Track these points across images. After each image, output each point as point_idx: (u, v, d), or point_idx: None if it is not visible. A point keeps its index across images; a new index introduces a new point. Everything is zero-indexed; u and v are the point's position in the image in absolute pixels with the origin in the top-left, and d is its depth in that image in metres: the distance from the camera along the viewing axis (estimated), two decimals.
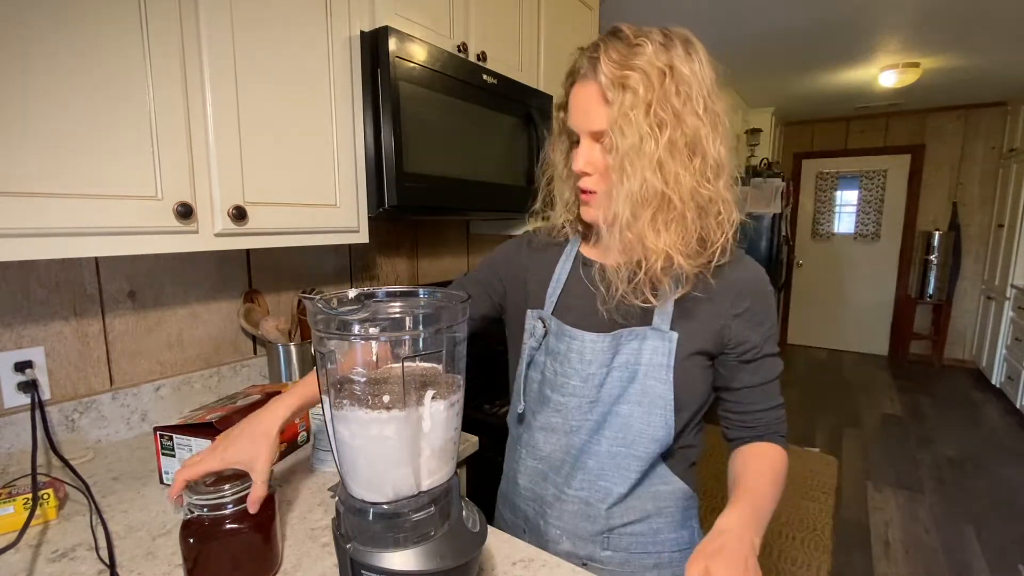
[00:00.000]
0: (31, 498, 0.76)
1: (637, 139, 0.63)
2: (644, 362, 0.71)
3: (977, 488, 2.70)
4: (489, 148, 1.41)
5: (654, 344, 0.70)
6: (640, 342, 0.71)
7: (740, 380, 0.74)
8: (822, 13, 2.56)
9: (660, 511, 0.76)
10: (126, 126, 0.79)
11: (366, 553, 0.51)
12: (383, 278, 1.69)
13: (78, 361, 1.03)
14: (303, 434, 1.07)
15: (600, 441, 0.74)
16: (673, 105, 0.63)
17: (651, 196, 0.64)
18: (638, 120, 0.63)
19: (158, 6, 0.81)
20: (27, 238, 0.70)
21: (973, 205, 4.72)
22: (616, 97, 0.63)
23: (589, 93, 0.67)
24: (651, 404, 0.71)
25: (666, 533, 0.77)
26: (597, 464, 0.75)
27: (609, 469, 0.74)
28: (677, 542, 0.78)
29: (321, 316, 0.51)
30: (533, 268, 0.85)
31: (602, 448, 0.74)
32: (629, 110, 0.63)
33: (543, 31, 1.71)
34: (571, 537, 0.77)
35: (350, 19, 1.11)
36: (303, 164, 1.05)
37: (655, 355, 0.70)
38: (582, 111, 0.69)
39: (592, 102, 0.67)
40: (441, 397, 0.54)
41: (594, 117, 0.67)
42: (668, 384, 0.70)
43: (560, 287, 0.80)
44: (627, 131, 0.63)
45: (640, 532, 0.76)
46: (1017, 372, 3.61)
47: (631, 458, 0.73)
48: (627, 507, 0.75)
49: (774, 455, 0.73)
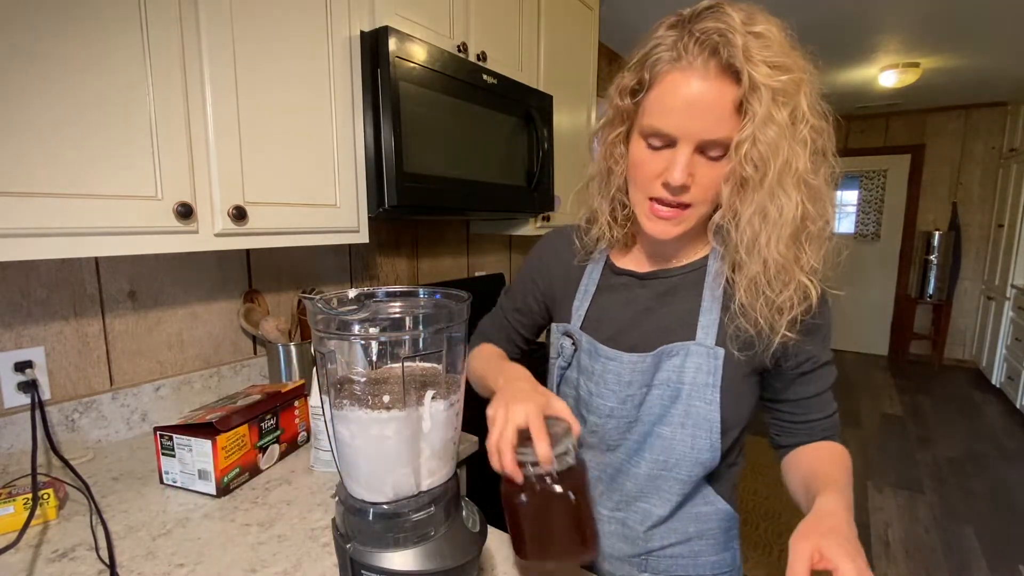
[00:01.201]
0: (31, 498, 0.76)
1: (788, 156, 0.55)
2: (688, 381, 0.64)
3: (977, 488, 2.70)
4: (489, 148, 1.41)
5: (697, 362, 0.64)
6: (683, 359, 0.64)
7: (796, 392, 0.68)
8: (822, 13, 2.56)
9: (702, 533, 0.71)
10: (126, 126, 0.79)
11: (366, 553, 0.51)
12: (383, 278, 1.69)
13: (78, 361, 1.03)
14: (303, 434, 1.07)
15: (639, 463, 0.69)
16: (815, 112, 0.56)
17: (800, 218, 0.57)
18: (791, 134, 0.55)
19: (158, 6, 0.81)
20: (27, 238, 0.70)
21: (973, 205, 4.72)
22: (764, 107, 0.53)
23: (713, 93, 0.55)
24: (695, 427, 0.64)
25: (707, 555, 0.72)
26: (635, 486, 0.70)
27: (649, 491, 0.69)
28: (719, 564, 0.73)
29: (321, 316, 0.51)
30: (559, 274, 0.79)
31: (641, 471, 0.68)
32: (784, 123, 0.54)
33: (543, 31, 1.70)
34: (607, 558, 0.74)
35: (350, 19, 1.11)
36: (303, 164, 1.05)
37: (699, 374, 0.64)
38: (695, 114, 0.56)
39: (717, 106, 0.55)
40: (441, 397, 0.54)
41: (719, 125, 0.56)
42: (715, 405, 0.63)
43: (588, 299, 0.74)
44: (779, 147, 0.54)
45: (680, 554, 0.71)
46: (1017, 372, 3.61)
47: (673, 481, 0.67)
48: (668, 529, 0.71)
49: (843, 452, 0.68)
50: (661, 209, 0.62)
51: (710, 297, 0.66)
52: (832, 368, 0.69)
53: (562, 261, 0.79)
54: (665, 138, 0.58)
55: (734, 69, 0.54)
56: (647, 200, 0.63)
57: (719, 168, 0.58)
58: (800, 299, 0.59)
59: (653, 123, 0.58)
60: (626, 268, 0.73)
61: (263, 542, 0.74)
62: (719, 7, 0.56)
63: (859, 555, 0.47)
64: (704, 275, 0.67)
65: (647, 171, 0.61)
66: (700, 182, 0.59)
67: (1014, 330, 3.79)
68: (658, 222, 0.63)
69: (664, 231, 0.63)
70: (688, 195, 0.60)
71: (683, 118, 0.56)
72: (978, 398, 4.02)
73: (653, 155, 0.60)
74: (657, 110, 0.58)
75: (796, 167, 0.56)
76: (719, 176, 0.59)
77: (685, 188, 0.59)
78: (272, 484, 0.92)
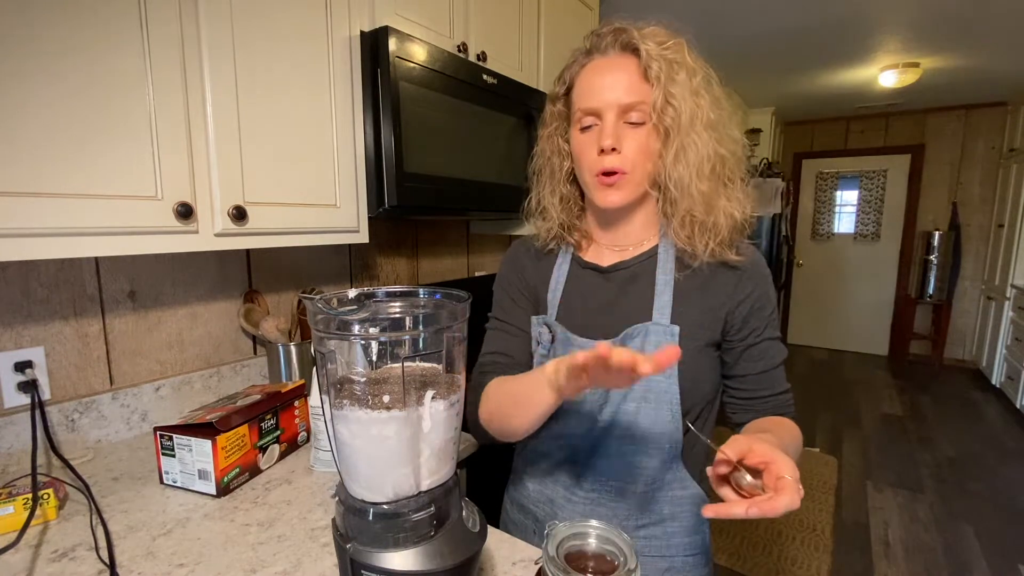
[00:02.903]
0: (31, 498, 0.76)
1: (692, 106, 0.66)
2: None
3: (977, 488, 2.70)
4: (489, 148, 1.41)
5: (656, 340, 0.70)
6: (643, 338, 0.70)
7: (743, 367, 0.73)
8: (822, 13, 2.56)
9: (675, 515, 0.76)
10: (126, 126, 0.79)
11: (366, 553, 0.51)
12: (383, 278, 1.69)
13: (78, 361, 1.03)
14: (303, 434, 1.07)
15: (609, 442, 0.74)
16: (702, 74, 0.68)
17: (714, 159, 0.68)
18: (690, 88, 0.66)
19: (158, 5, 0.81)
20: (27, 238, 0.70)
21: (973, 205, 4.72)
22: (663, 68, 0.66)
23: (620, 67, 0.68)
24: (657, 401, 0.70)
25: (680, 537, 0.76)
26: (608, 464, 0.74)
27: (620, 470, 0.74)
28: (690, 546, 0.77)
29: (321, 316, 0.51)
30: (532, 272, 0.84)
31: (612, 448, 0.74)
32: (683, 79, 0.66)
33: (543, 31, 1.71)
34: None
35: (350, 19, 1.11)
36: (303, 164, 1.05)
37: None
38: (609, 86, 0.68)
39: (626, 75, 0.68)
40: (441, 397, 0.54)
41: (631, 90, 0.67)
42: (673, 379, 0.70)
43: (560, 290, 0.79)
44: (685, 98, 0.66)
45: (654, 535, 0.76)
46: (1017, 372, 3.61)
47: (642, 456, 0.73)
48: (642, 509, 0.75)
49: (792, 425, 0.71)
50: (605, 179, 0.71)
51: (663, 280, 0.73)
52: (779, 345, 0.75)
53: (531, 258, 0.85)
54: (593, 113, 0.70)
55: (633, 46, 0.68)
56: (594, 178, 0.72)
57: (642, 133, 0.69)
58: (727, 223, 0.70)
59: (580, 106, 0.71)
60: (591, 262, 0.79)
61: (263, 542, 0.74)
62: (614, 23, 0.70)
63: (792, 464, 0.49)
64: (656, 262, 0.75)
65: (586, 151, 0.71)
66: (629, 146, 0.69)
67: (1014, 330, 3.79)
68: (606, 191, 0.71)
69: (611, 198, 0.72)
70: (620, 160, 0.69)
71: (602, 92, 0.69)
72: (978, 398, 4.02)
73: (587, 136, 0.71)
74: (581, 96, 0.71)
75: (700, 112, 0.67)
76: (645, 141, 0.69)
77: (616, 152, 0.69)
78: (272, 484, 0.92)
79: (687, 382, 0.70)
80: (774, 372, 0.74)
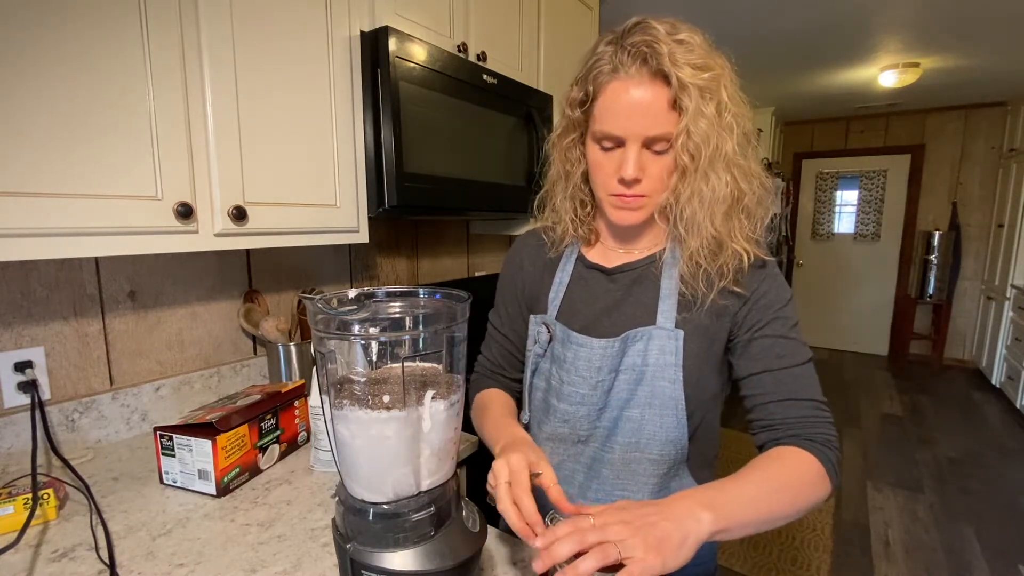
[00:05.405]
0: (31, 498, 0.76)
1: (716, 142, 0.62)
2: (652, 363, 0.69)
3: (977, 488, 2.70)
4: (489, 148, 1.41)
5: (660, 344, 0.68)
6: (647, 342, 0.69)
7: (744, 367, 0.69)
8: (822, 13, 2.56)
9: None
10: (126, 126, 0.79)
11: (366, 553, 0.51)
12: (383, 278, 1.69)
13: (78, 361, 1.03)
14: (303, 434, 1.07)
15: (613, 449, 0.72)
16: (736, 101, 0.64)
17: (731, 196, 0.65)
18: (719, 124, 0.62)
19: (158, 5, 0.81)
20: (27, 238, 0.70)
21: (973, 205, 4.72)
22: (694, 102, 0.60)
23: (648, 96, 0.62)
24: (662, 406, 0.69)
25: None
26: (612, 472, 0.73)
27: (625, 477, 0.72)
28: (697, 556, 0.74)
29: (321, 316, 0.51)
30: (531, 272, 0.84)
31: (615, 455, 0.72)
32: (711, 112, 0.61)
33: (543, 31, 1.70)
34: None
35: (350, 19, 1.11)
36: (303, 164, 1.05)
37: (662, 355, 0.68)
38: (636, 116, 0.63)
39: (654, 106, 0.62)
40: (441, 397, 0.54)
41: (658, 122, 0.63)
42: (678, 384, 0.68)
43: (563, 291, 0.78)
44: (709, 136, 0.62)
45: None
46: (1017, 372, 3.61)
47: (647, 462, 0.71)
48: None
49: (791, 459, 0.61)
50: (623, 200, 0.69)
51: (668, 284, 0.71)
52: (792, 344, 0.68)
53: (534, 258, 0.85)
54: (615, 139, 0.66)
55: (663, 73, 0.61)
56: (610, 196, 0.70)
57: (666, 160, 0.66)
58: (734, 265, 0.67)
59: (603, 128, 0.66)
60: (596, 263, 0.78)
61: (263, 542, 0.74)
62: (645, 22, 0.63)
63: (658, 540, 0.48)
64: (662, 265, 0.73)
65: (604, 171, 0.69)
66: (651, 174, 0.66)
67: (1014, 330, 3.78)
68: (622, 211, 0.70)
69: (628, 218, 0.70)
70: (641, 187, 0.67)
71: (627, 120, 0.64)
72: (978, 398, 4.02)
73: (607, 156, 0.68)
74: (604, 117, 0.66)
75: (725, 151, 0.63)
76: (667, 168, 0.66)
77: (638, 181, 0.66)
78: (272, 484, 0.92)
79: (691, 388, 0.69)
80: (782, 373, 0.66)
